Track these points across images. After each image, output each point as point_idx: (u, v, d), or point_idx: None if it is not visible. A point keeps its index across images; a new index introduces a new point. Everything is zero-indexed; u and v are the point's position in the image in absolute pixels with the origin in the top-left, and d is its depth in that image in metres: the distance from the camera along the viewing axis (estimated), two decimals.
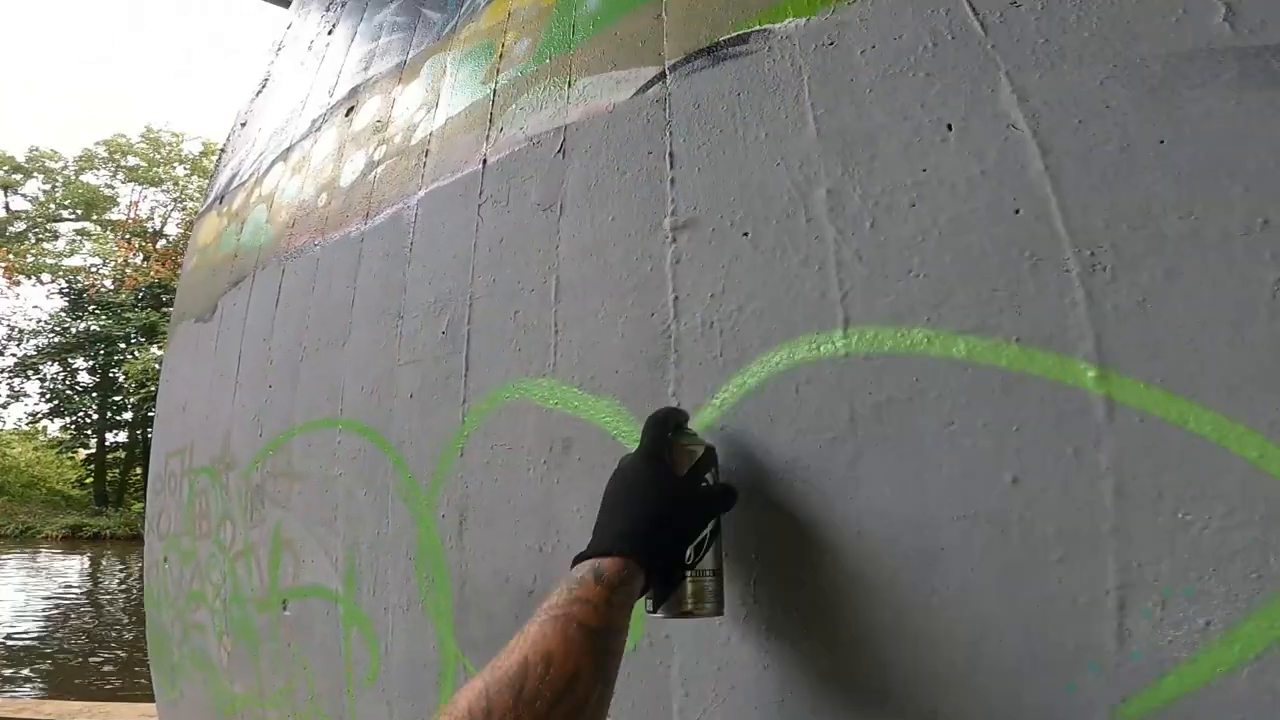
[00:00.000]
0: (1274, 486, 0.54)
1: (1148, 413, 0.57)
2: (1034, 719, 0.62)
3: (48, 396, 27.99)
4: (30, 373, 27.51)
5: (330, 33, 2.00)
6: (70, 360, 27.36)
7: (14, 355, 27.53)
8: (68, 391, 27.86)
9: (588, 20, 1.14)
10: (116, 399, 27.54)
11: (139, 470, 25.61)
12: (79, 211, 28.42)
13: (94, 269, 28.21)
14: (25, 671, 7.33)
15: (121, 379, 26.48)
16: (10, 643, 8.49)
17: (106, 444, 27.82)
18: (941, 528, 0.65)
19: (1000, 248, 0.65)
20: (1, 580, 13.82)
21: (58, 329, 26.95)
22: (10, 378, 27.53)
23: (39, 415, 28.57)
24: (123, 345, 26.38)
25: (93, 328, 25.96)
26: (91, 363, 27.16)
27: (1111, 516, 0.58)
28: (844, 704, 0.70)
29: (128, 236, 28.14)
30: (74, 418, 28.32)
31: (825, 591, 0.71)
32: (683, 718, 0.80)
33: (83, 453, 28.83)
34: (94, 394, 27.52)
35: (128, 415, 27.53)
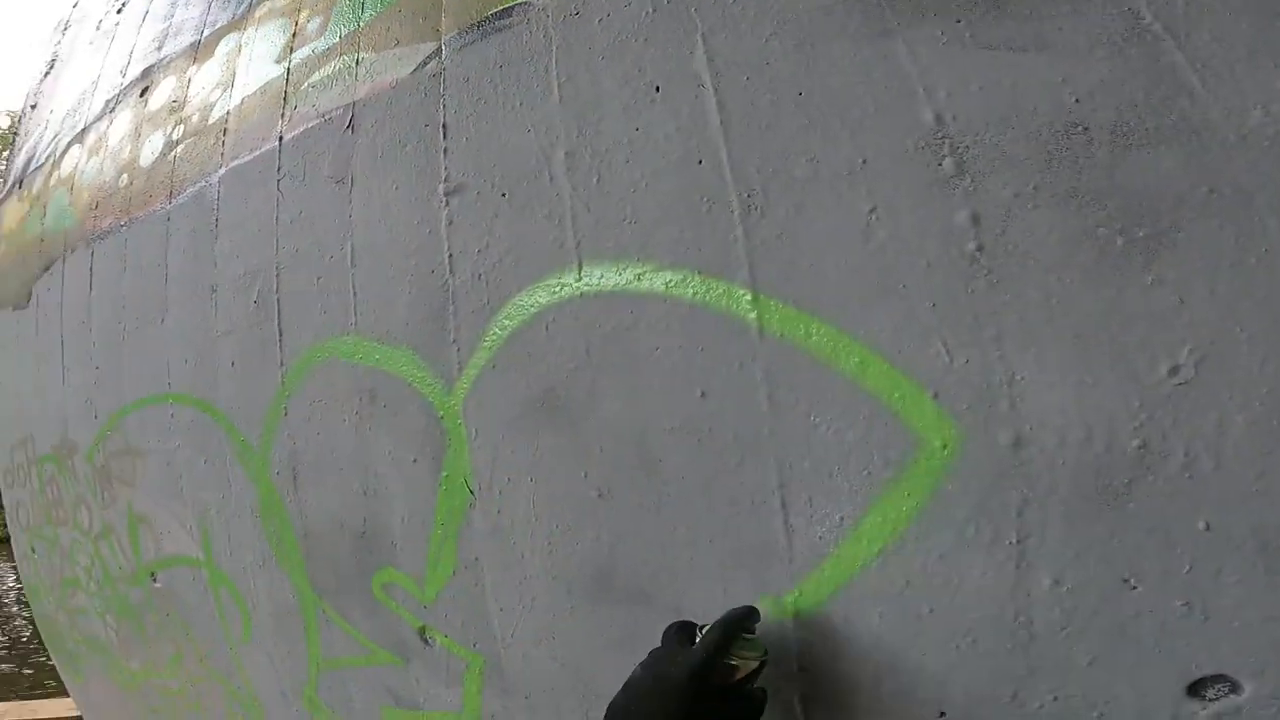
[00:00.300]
0: (873, 390, 0.68)
1: (785, 330, 0.73)
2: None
3: None
4: None
5: (120, 11, 1.93)
6: None
7: None
8: None
9: None
10: None
11: None
12: None
13: None
14: None
15: None
16: None
17: None
18: (659, 439, 0.80)
19: (687, 194, 0.79)
20: None
21: None
22: None
23: None
24: None
25: None
26: None
27: (769, 421, 0.74)
28: (608, 600, 0.85)
29: None
30: None
31: (582, 506, 0.85)
32: (502, 630, 0.96)
33: None
34: None
35: None
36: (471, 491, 0.94)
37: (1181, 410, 0.59)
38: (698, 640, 0.70)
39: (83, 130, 1.80)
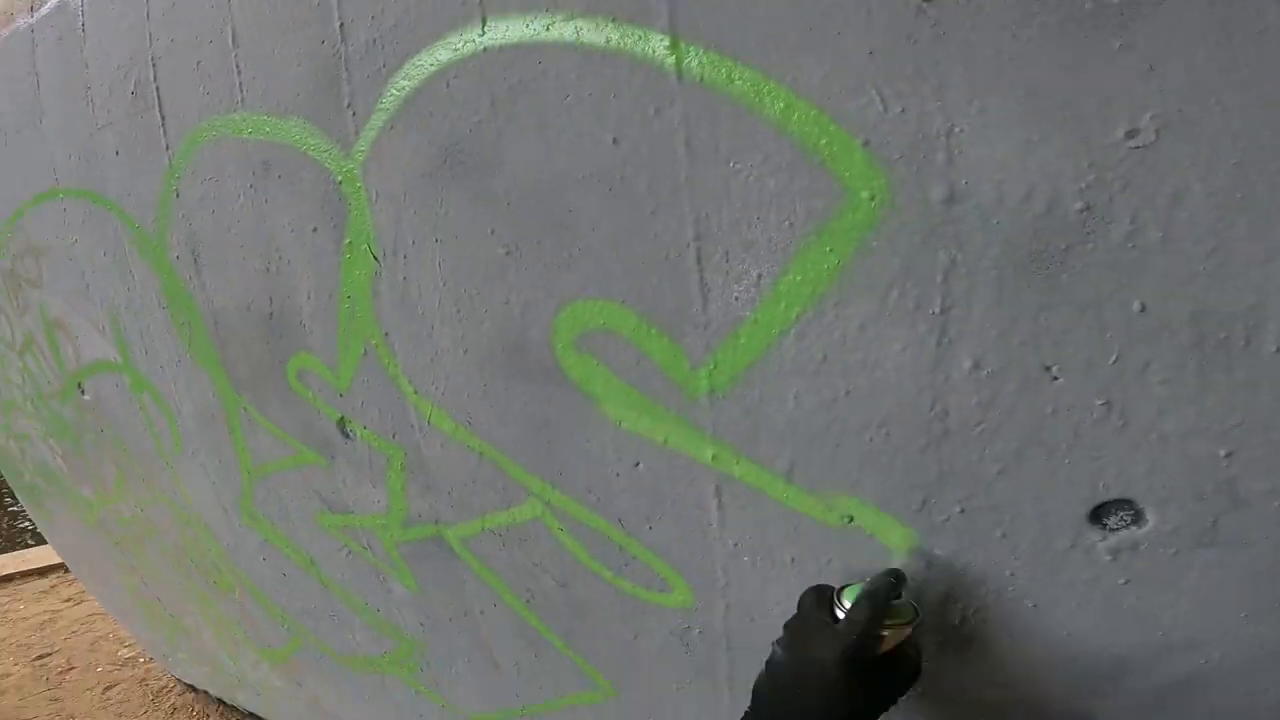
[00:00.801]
0: (798, 137, 0.60)
1: (706, 74, 0.63)
2: (657, 384, 0.73)
3: None
4: None
5: None
6: None
7: None
8: None
9: None
10: None
11: None
12: None
13: None
14: None
15: None
16: None
17: None
18: (569, 191, 0.72)
19: None
20: None
21: None
22: None
23: None
24: None
25: None
26: None
27: (685, 169, 0.66)
28: (521, 376, 0.81)
29: None
30: None
31: (490, 266, 0.79)
32: (419, 416, 0.91)
33: None
34: None
35: None
36: (376, 258, 0.86)
37: (1135, 174, 0.51)
38: (841, 613, 0.65)
39: None
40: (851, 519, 0.70)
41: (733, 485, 0.75)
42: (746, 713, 0.67)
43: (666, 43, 0.65)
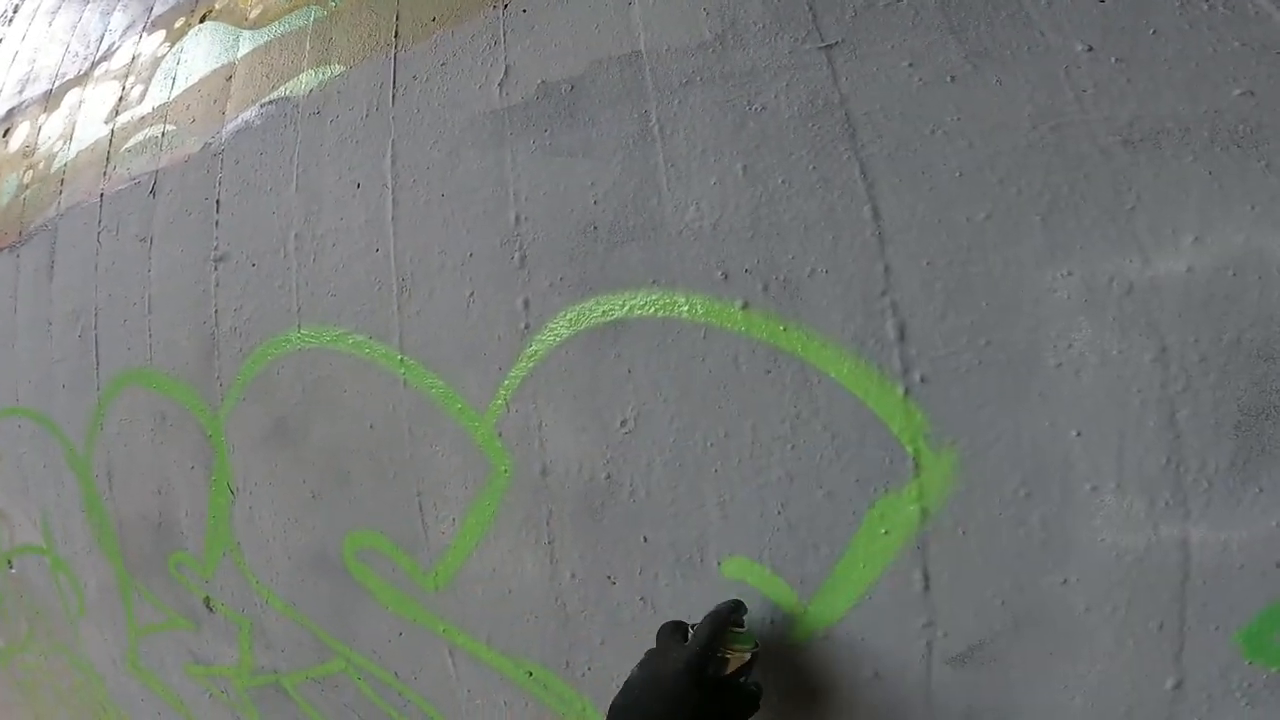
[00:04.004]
0: (468, 429, 1.11)
1: (419, 383, 1.15)
2: (405, 583, 1.24)
3: None
4: None
5: None
6: None
7: None
8: None
9: (185, 74, 1.55)
10: None
11: None
12: None
13: None
14: None
15: None
16: None
17: None
18: (348, 458, 1.21)
19: (368, 276, 1.18)
20: None
21: None
22: None
23: None
24: None
25: None
26: None
27: (409, 448, 1.17)
28: (324, 575, 1.29)
29: None
30: None
31: (303, 505, 1.29)
32: (260, 598, 1.39)
33: None
34: None
35: None
36: (232, 492, 1.36)
37: (629, 451, 0.97)
38: (690, 637, 0.82)
39: None
40: (531, 674, 1.10)
41: (458, 650, 1.16)
42: None
43: (399, 358, 1.14)
